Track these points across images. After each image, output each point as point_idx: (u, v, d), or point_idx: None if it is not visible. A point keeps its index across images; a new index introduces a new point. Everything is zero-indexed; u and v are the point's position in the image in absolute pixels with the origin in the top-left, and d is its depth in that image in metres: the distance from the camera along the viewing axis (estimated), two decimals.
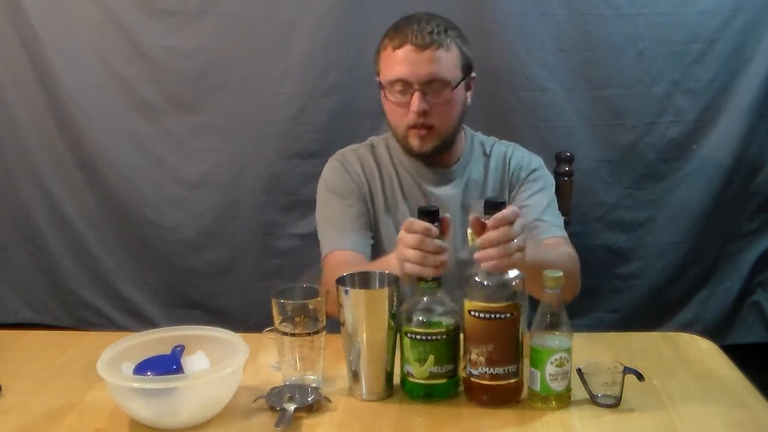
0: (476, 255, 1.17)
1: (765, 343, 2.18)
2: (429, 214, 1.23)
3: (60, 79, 2.09)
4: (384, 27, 1.65)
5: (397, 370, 1.25)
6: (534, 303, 1.25)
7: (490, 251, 1.16)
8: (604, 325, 2.12)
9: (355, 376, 1.23)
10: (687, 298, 2.19)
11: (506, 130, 1.90)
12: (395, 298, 1.22)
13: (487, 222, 1.17)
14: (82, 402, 1.23)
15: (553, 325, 1.17)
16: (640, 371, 1.21)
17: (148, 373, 1.18)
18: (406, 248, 1.22)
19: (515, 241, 1.17)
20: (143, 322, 2.17)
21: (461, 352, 1.21)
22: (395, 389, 1.25)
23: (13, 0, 2.06)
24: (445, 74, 1.54)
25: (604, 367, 1.21)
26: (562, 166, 1.95)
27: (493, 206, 1.17)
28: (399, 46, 1.54)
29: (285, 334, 1.23)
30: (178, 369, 1.22)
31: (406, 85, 1.54)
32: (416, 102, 1.52)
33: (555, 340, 1.17)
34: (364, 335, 1.20)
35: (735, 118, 2.08)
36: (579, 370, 1.21)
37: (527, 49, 2.03)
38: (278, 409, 1.16)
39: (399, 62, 1.53)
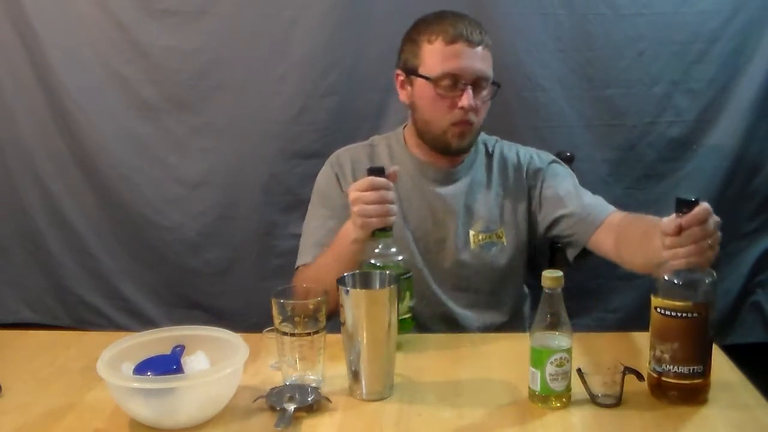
0: (669, 253, 1.16)
1: (765, 343, 2.18)
2: (378, 171, 1.39)
3: (60, 79, 2.09)
4: (384, 27, 1.65)
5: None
6: (534, 303, 1.26)
7: (683, 250, 1.14)
8: (604, 325, 2.12)
9: (355, 376, 1.23)
10: None
11: (506, 130, 1.89)
12: (396, 298, 1.22)
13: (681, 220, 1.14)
14: (82, 402, 1.23)
15: (553, 325, 1.18)
16: (640, 371, 1.21)
17: (148, 373, 1.19)
18: (367, 205, 1.36)
19: (709, 240, 1.15)
20: (143, 322, 2.17)
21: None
22: (395, 389, 1.25)
23: (13, 0, 2.06)
24: (490, 73, 1.58)
25: (604, 367, 1.21)
26: None
27: (686, 204, 1.15)
28: (453, 41, 1.54)
29: (285, 334, 1.23)
30: (178, 369, 1.22)
31: (455, 81, 1.54)
32: (468, 98, 1.53)
33: (555, 340, 1.17)
34: (365, 335, 1.20)
35: (735, 118, 2.08)
36: (579, 370, 1.21)
37: (527, 49, 2.04)
38: (278, 409, 1.16)
39: (452, 57, 1.54)
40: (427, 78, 1.55)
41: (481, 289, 1.65)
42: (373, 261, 1.35)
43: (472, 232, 1.64)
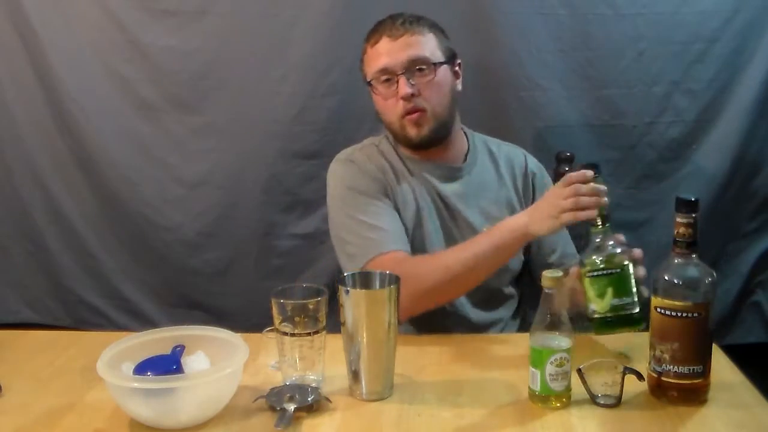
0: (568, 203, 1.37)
1: (765, 343, 2.18)
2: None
3: (60, 79, 2.09)
4: None
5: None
6: (534, 303, 1.26)
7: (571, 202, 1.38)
8: None
9: (355, 376, 1.23)
10: None
11: (506, 130, 1.90)
12: (396, 299, 1.22)
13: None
14: (82, 402, 1.23)
15: (553, 325, 1.18)
16: (640, 371, 1.21)
17: (148, 373, 1.19)
18: (563, 200, 1.37)
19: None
20: (143, 322, 2.16)
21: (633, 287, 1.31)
22: (395, 389, 1.25)
23: (13, 0, 2.06)
24: (424, 53, 1.58)
25: (604, 367, 1.21)
26: (562, 166, 1.94)
27: (686, 204, 1.20)
28: (376, 42, 1.60)
29: (285, 334, 1.23)
30: (178, 369, 1.22)
31: (389, 75, 1.58)
32: (402, 86, 1.56)
33: (555, 340, 1.17)
34: (365, 335, 1.20)
35: (735, 118, 2.08)
36: (579, 370, 1.21)
37: (527, 49, 2.03)
38: (278, 409, 1.16)
39: (378, 55, 1.59)
40: (370, 83, 1.62)
41: (492, 286, 1.65)
42: (593, 257, 1.33)
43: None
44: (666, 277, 1.18)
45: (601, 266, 1.31)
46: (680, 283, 1.17)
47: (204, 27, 2.06)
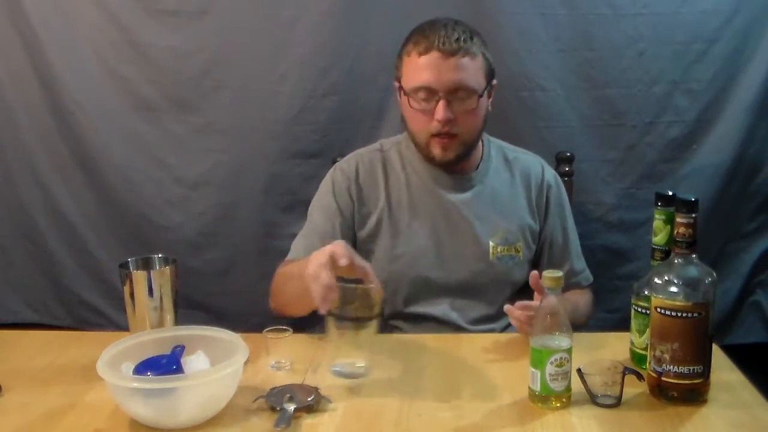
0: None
1: (765, 343, 2.18)
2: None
3: (60, 79, 2.09)
4: (384, 27, 1.64)
5: None
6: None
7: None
8: (604, 325, 2.11)
9: None
10: None
11: (506, 130, 1.90)
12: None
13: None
14: (82, 402, 1.23)
15: (553, 325, 1.18)
16: (640, 371, 1.21)
17: (148, 373, 1.19)
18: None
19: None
20: None
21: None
22: (395, 389, 1.25)
23: (13, 0, 2.06)
24: (471, 82, 1.52)
25: (604, 367, 1.21)
26: (562, 166, 1.95)
27: (685, 204, 1.17)
28: (424, 52, 1.51)
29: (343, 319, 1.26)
30: (178, 369, 1.22)
31: (430, 93, 1.51)
32: (441, 110, 1.50)
33: (555, 340, 1.17)
34: None
35: (735, 118, 2.08)
36: (579, 370, 1.21)
37: (527, 49, 2.03)
38: (278, 409, 1.16)
39: (424, 69, 1.51)
40: (405, 91, 1.55)
41: (493, 301, 1.64)
42: (645, 292, 1.27)
43: (491, 243, 1.62)
44: (666, 277, 1.18)
45: (644, 304, 1.29)
46: (680, 283, 1.17)
47: (204, 27, 2.07)
